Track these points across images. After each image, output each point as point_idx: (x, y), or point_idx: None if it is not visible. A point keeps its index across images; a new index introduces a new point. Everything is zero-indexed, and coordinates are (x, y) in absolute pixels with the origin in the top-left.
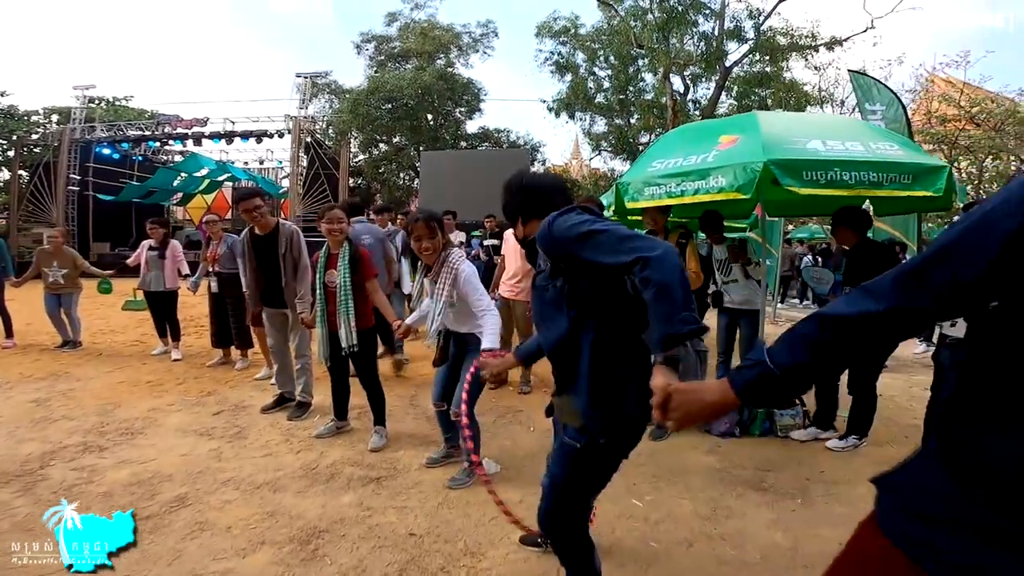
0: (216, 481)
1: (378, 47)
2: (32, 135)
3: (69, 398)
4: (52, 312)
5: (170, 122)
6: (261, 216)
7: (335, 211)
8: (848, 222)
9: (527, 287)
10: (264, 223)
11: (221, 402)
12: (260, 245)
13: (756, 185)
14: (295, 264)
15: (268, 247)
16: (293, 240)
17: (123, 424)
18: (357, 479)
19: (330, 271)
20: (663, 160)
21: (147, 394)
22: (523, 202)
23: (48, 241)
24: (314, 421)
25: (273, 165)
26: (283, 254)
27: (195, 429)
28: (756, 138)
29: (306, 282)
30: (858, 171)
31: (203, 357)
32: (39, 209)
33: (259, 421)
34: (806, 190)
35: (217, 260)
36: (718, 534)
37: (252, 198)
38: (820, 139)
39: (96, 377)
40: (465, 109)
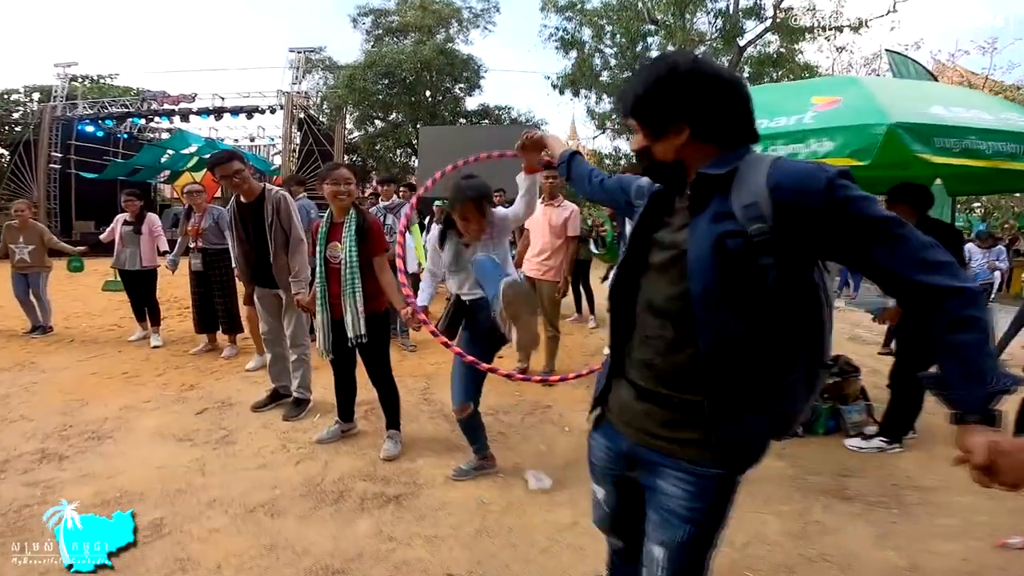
0: (200, 502)
1: (375, 20)
2: (12, 114)
3: (32, 393)
4: (20, 294)
5: (156, 98)
6: (243, 181)
7: (341, 170)
8: (907, 199)
9: (556, 265)
10: (248, 188)
11: (205, 398)
12: (246, 215)
13: (878, 151)
14: (285, 235)
15: (255, 217)
16: (281, 207)
17: (89, 426)
18: (372, 498)
19: (332, 244)
20: None
21: (121, 388)
22: (702, 106)
23: (14, 215)
24: (314, 421)
25: (264, 142)
26: (270, 224)
27: (174, 433)
28: (868, 99)
29: (300, 256)
30: (995, 140)
31: (186, 343)
32: (20, 188)
33: (249, 422)
34: (940, 158)
35: (201, 235)
36: (819, 555)
37: (229, 161)
38: (942, 105)
39: (66, 368)
40: (465, 86)
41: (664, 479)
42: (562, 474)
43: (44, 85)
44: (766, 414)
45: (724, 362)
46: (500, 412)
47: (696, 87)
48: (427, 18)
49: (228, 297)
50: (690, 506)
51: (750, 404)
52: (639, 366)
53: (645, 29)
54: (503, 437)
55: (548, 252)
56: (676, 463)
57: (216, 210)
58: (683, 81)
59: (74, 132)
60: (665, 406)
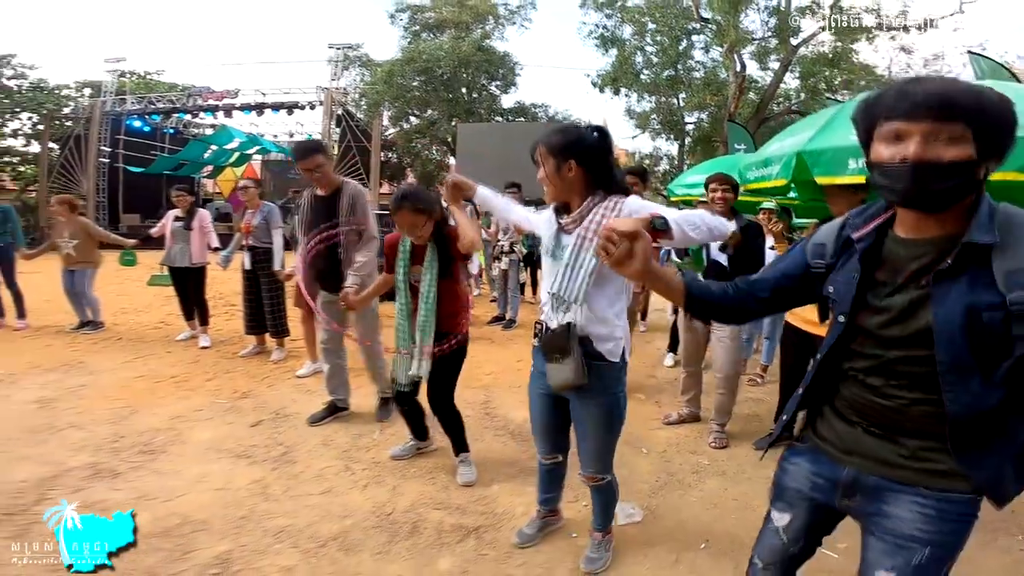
0: (266, 533)
1: (412, 16)
2: (64, 108)
3: (79, 398)
4: (68, 289)
5: (201, 94)
6: (323, 175)
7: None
8: None
9: None
10: (327, 181)
11: (259, 408)
12: (320, 208)
13: None
14: (358, 232)
15: (328, 210)
16: (357, 201)
17: (141, 438)
18: (449, 531)
19: (416, 267)
20: None
21: (170, 394)
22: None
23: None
24: (375, 439)
25: (303, 138)
26: (344, 217)
27: (230, 448)
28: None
29: (370, 253)
30: None
31: (233, 344)
32: (70, 181)
33: (307, 437)
34: None
35: (251, 232)
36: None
37: (313, 155)
38: None
39: (112, 369)
40: (501, 83)
41: (897, 504)
42: (651, 502)
43: (94, 81)
44: (1017, 461)
45: (973, 423)
46: None
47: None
48: (464, 14)
49: (276, 299)
50: (930, 528)
51: (1001, 453)
52: (859, 408)
53: (690, 27)
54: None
55: None
56: (915, 489)
57: (267, 206)
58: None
59: (123, 127)
60: (902, 445)
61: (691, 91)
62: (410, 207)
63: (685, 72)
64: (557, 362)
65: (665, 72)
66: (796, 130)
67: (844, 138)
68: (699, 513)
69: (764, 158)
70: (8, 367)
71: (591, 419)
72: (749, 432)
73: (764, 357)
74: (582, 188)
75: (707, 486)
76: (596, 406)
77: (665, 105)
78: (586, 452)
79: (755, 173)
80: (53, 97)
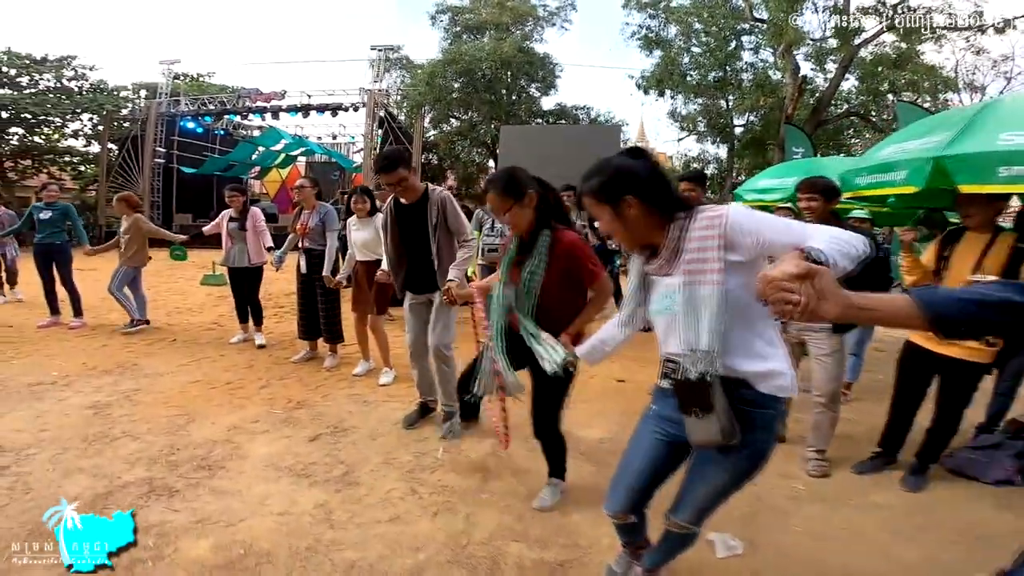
0: (335, 567)
1: (453, 18)
2: (122, 110)
3: (133, 403)
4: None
5: (250, 95)
6: (406, 188)
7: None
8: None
9: None
10: (412, 192)
11: (316, 420)
12: (405, 217)
13: None
14: (450, 237)
15: (417, 220)
16: (447, 208)
17: (198, 451)
18: (531, 567)
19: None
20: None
21: (225, 402)
22: None
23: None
24: (439, 458)
25: (345, 140)
26: (434, 226)
27: (289, 465)
28: None
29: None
30: None
31: (285, 349)
32: (127, 181)
33: (368, 454)
34: None
35: (307, 233)
36: None
37: (396, 168)
38: None
39: (167, 372)
40: (541, 85)
41: None
42: (746, 532)
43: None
44: None
45: None
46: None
47: None
48: (504, 15)
49: (331, 304)
50: None
51: None
52: None
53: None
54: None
55: None
56: None
57: (324, 208)
58: None
59: (176, 128)
60: None
61: (741, 93)
62: (495, 190)
63: (733, 74)
64: (697, 417)
65: (712, 74)
66: (917, 132)
67: (991, 143)
68: (804, 544)
69: (881, 163)
70: (63, 368)
71: (723, 470)
72: (844, 455)
73: (849, 374)
74: (655, 220)
75: (807, 513)
76: (737, 459)
77: (713, 107)
78: (693, 499)
79: (868, 179)
80: (112, 98)
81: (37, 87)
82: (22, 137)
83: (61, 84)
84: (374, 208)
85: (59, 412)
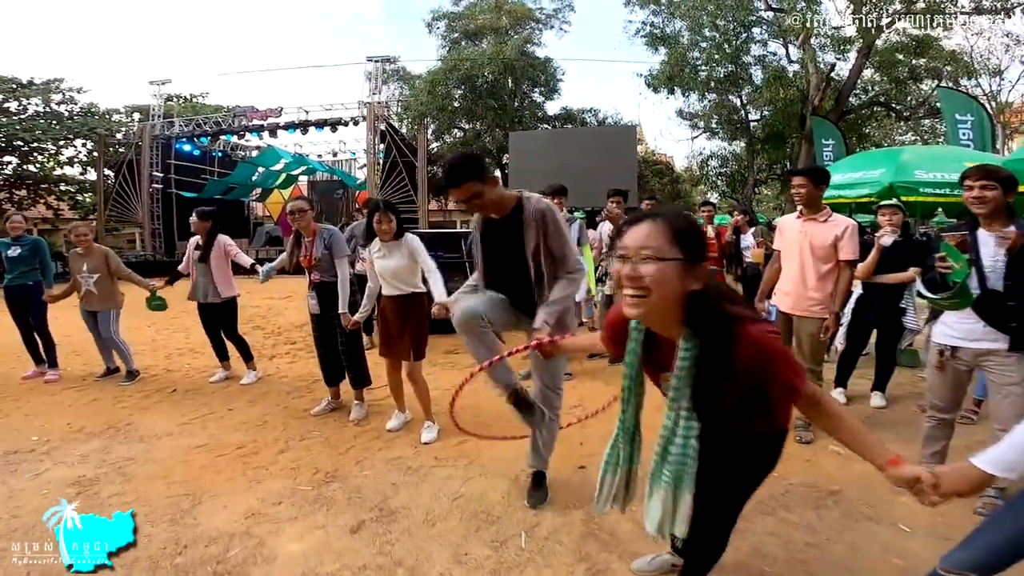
0: None
1: (450, 24)
2: (116, 134)
3: (127, 477)
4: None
5: (246, 113)
6: (486, 203)
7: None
8: None
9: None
10: (497, 205)
11: (354, 499)
12: (494, 235)
13: None
14: (553, 256)
15: (506, 239)
16: (548, 222)
17: (211, 550)
18: None
19: (664, 375)
20: None
21: (239, 475)
22: None
23: (76, 240)
24: (522, 547)
25: (346, 156)
26: (534, 246)
27: (332, 573)
28: None
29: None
30: None
31: (301, 396)
32: (126, 209)
33: (431, 548)
34: None
35: (315, 265)
36: None
37: (463, 181)
38: None
39: (166, 435)
40: (544, 89)
41: None
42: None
43: (142, 104)
44: None
45: None
46: (779, 508)
47: None
48: (502, 19)
49: (352, 343)
50: None
51: None
52: None
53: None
54: (811, 549)
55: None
56: None
57: (327, 231)
58: None
59: (172, 151)
60: None
61: (756, 87)
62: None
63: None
64: None
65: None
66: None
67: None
68: None
69: None
70: (44, 431)
71: None
72: None
73: (978, 390)
74: None
75: None
76: None
77: (726, 103)
78: None
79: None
80: (104, 121)
81: (26, 112)
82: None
83: (50, 108)
84: (401, 229)
85: (35, 491)
